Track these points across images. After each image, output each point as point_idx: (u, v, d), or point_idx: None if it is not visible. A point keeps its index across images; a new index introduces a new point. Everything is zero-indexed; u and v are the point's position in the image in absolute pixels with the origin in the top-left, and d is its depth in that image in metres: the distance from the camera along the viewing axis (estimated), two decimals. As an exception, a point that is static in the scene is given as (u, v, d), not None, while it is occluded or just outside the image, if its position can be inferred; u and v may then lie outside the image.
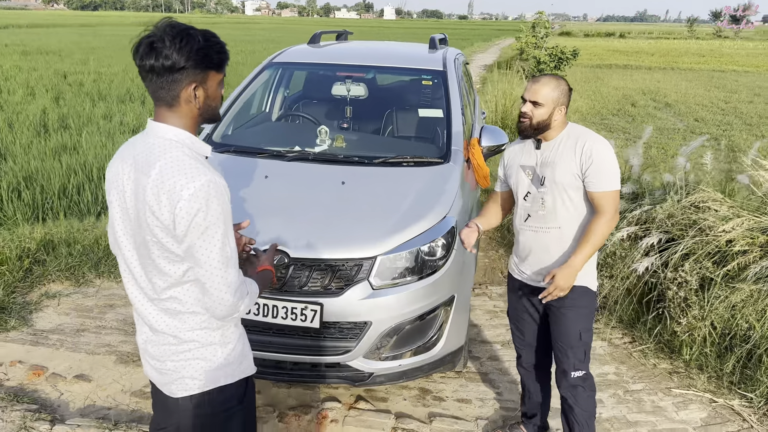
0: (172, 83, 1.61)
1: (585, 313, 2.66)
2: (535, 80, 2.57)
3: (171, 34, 1.57)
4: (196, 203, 1.56)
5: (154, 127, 1.66)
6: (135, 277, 1.75)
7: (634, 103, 16.75)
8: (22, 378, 3.45)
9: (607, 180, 2.48)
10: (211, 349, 1.77)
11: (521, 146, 2.75)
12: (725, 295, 3.67)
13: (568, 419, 2.73)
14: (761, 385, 3.39)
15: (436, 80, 4.36)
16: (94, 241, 5.11)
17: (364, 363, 3.01)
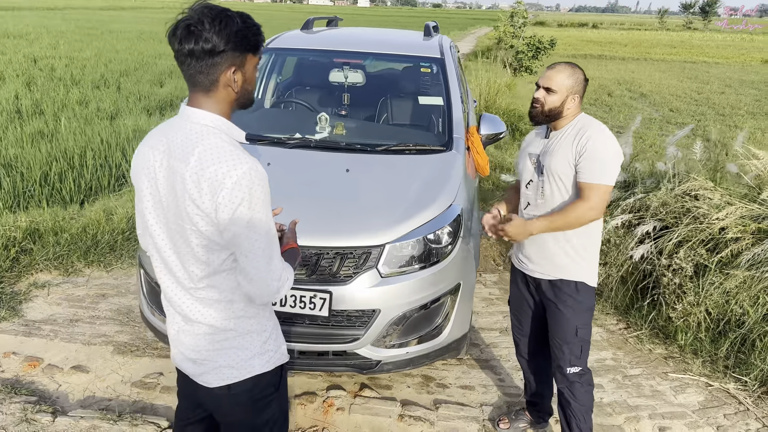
0: (211, 67, 1.56)
1: (582, 309, 2.62)
2: (551, 67, 2.55)
3: (210, 17, 1.53)
4: (239, 192, 1.53)
5: (189, 113, 1.62)
6: (169, 267, 1.71)
7: (610, 93, 16.95)
8: (17, 370, 3.37)
9: (598, 173, 2.40)
10: (248, 338, 1.74)
11: (534, 134, 2.74)
12: (719, 281, 3.75)
13: (566, 413, 2.73)
14: (755, 368, 3.47)
15: (434, 68, 4.34)
16: (82, 230, 5.00)
17: (372, 351, 3.00)
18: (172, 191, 1.60)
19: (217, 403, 1.79)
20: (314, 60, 4.75)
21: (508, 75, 15.78)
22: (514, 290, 2.92)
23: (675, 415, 3.25)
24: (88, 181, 6.46)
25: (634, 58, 28.98)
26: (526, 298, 2.83)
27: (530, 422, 3.10)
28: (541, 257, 2.63)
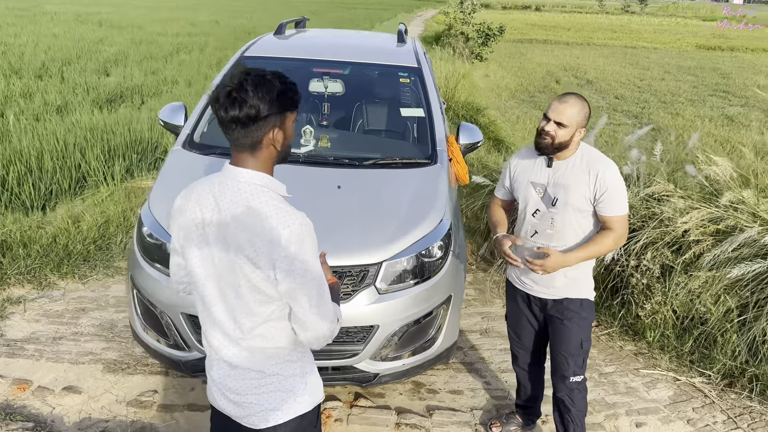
0: (255, 131, 1.64)
1: (586, 324, 2.80)
2: (561, 100, 2.58)
3: (252, 84, 1.60)
4: (294, 246, 1.61)
5: (235, 173, 1.68)
6: (216, 320, 1.77)
7: (558, 80, 17.37)
8: (6, 393, 3.32)
9: (619, 205, 2.60)
10: (292, 381, 1.83)
11: (531, 161, 2.78)
12: (684, 281, 4.01)
13: (564, 419, 2.89)
14: (718, 363, 3.76)
15: (412, 78, 4.42)
16: (52, 240, 4.89)
17: (370, 365, 3.11)
18: (225, 249, 1.67)
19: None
20: (292, 69, 4.74)
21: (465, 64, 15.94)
22: (513, 308, 3.04)
23: (649, 411, 3.50)
24: (47, 184, 6.27)
25: (577, 42, 29.65)
26: (527, 316, 2.96)
27: (520, 425, 3.28)
28: (546, 280, 2.75)
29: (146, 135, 7.74)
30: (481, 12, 21.12)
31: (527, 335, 3.02)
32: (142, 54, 16.06)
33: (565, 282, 2.74)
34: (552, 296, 2.79)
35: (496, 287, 4.87)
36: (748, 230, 3.98)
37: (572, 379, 2.81)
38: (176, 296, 3.00)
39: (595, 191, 2.59)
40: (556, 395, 2.91)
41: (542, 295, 2.82)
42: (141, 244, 3.25)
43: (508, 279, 3.03)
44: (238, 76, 1.62)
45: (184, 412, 3.28)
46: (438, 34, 23.45)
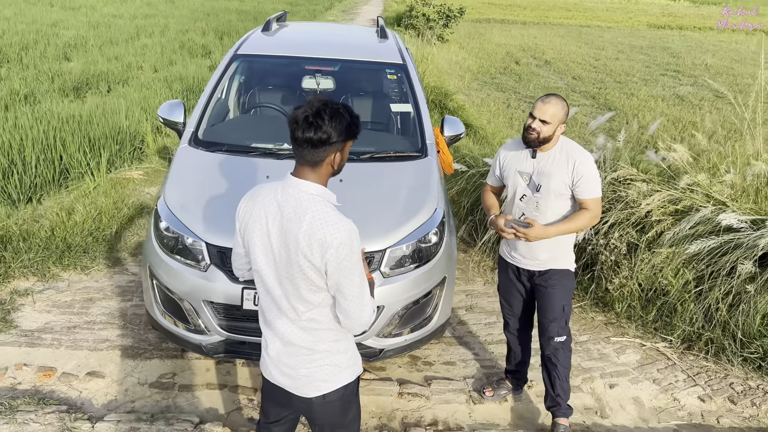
0: (322, 152, 1.96)
1: (567, 290, 3.26)
2: (544, 101, 3.00)
3: (328, 114, 1.91)
4: (343, 250, 1.93)
5: (298, 183, 1.99)
6: (276, 303, 2.09)
7: (517, 60, 17.82)
8: (33, 380, 3.54)
9: (593, 189, 3.04)
10: (338, 356, 2.15)
11: (517, 152, 3.21)
12: (648, 257, 4.46)
13: (551, 375, 3.33)
14: (678, 329, 4.23)
15: (399, 74, 4.70)
16: (50, 233, 5.04)
17: (376, 341, 3.45)
18: (284, 246, 1.97)
19: (313, 408, 2.20)
20: (284, 66, 4.96)
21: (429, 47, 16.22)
22: (504, 279, 3.48)
23: (620, 374, 3.94)
24: (32, 177, 6.35)
25: (534, 22, 30.21)
26: (517, 286, 3.40)
27: (510, 389, 3.67)
28: (534, 254, 3.21)
29: (124, 124, 7.82)
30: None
31: (517, 303, 3.45)
32: (101, 38, 15.80)
33: (548, 255, 3.19)
34: (538, 268, 3.24)
35: (477, 267, 5.25)
36: (703, 210, 4.44)
37: (557, 339, 3.26)
38: (198, 284, 3.28)
39: (573, 177, 3.02)
40: (543, 354, 3.35)
41: (529, 267, 3.26)
42: (158, 237, 3.48)
43: (500, 255, 3.48)
44: (316, 104, 1.93)
45: (203, 391, 3.57)
46: (399, 14, 23.61)
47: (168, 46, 15.03)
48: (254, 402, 3.51)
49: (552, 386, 3.34)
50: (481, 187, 5.73)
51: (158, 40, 16.04)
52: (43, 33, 15.86)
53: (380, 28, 5.35)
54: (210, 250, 3.29)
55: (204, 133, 4.13)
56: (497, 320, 4.48)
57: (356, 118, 2.02)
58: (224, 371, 3.74)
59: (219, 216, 3.38)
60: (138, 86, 10.64)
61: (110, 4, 24.95)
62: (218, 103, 4.46)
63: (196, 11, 23.57)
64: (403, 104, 4.59)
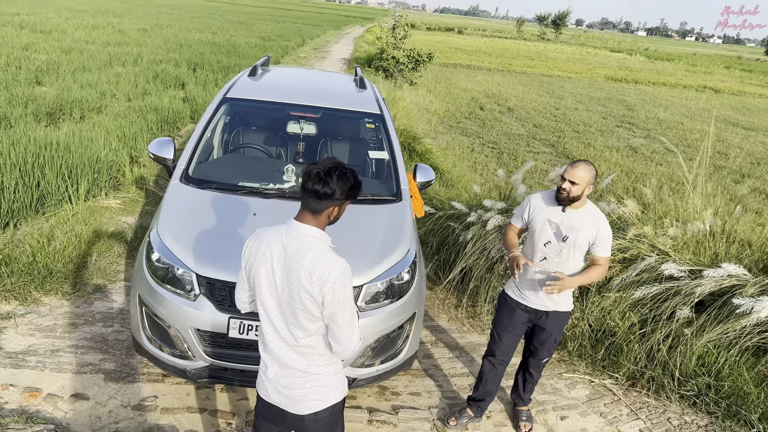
0: (324, 204, 2.30)
1: (561, 327, 3.82)
2: (573, 166, 3.42)
3: (337, 174, 2.27)
4: (338, 284, 2.25)
5: (299, 227, 2.32)
6: (277, 330, 2.39)
7: (482, 106, 18.58)
8: (20, 401, 3.69)
9: (608, 249, 3.53)
10: (329, 378, 2.46)
11: (549, 202, 3.61)
12: (598, 301, 4.88)
13: (526, 383, 4.02)
14: (623, 367, 4.62)
15: (377, 123, 5.10)
16: (32, 259, 5.19)
17: (350, 371, 3.73)
18: (287, 281, 2.28)
19: (305, 425, 2.49)
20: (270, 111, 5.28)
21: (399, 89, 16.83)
22: (506, 316, 3.81)
23: (570, 407, 4.30)
24: (10, 202, 6.46)
25: (498, 69, 31.43)
26: (519, 322, 3.78)
27: (471, 417, 3.99)
28: (544, 296, 3.62)
29: (102, 153, 7.99)
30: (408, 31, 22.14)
31: (510, 340, 3.84)
32: (74, 64, 15.91)
33: (557, 298, 3.65)
34: (546, 308, 3.68)
35: (442, 304, 5.59)
36: (648, 259, 4.90)
37: (543, 360, 3.91)
38: (186, 312, 3.53)
39: (596, 238, 3.49)
40: (527, 369, 3.98)
41: (539, 307, 3.69)
42: (150, 267, 3.73)
43: (507, 292, 3.84)
44: (329, 164, 2.29)
45: (184, 414, 3.77)
46: (370, 56, 24.30)
47: (141, 76, 15.23)
48: (232, 426, 3.73)
49: (524, 390, 4.03)
50: (447, 229, 6.15)
51: (131, 69, 16.22)
52: (14, 56, 15.88)
53: (359, 78, 5.76)
54: (200, 280, 3.55)
55: (194, 171, 4.41)
56: (460, 354, 4.81)
57: (359, 183, 2.39)
58: (204, 396, 3.95)
59: (209, 249, 3.65)
60: (113, 115, 10.80)
61: (81, 29, 25.05)
62: (207, 142, 4.76)
63: (168, 41, 23.83)
64: (380, 151, 4.97)
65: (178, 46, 22.44)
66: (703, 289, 4.61)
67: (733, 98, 28.51)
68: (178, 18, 37.59)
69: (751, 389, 4.27)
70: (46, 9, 32.86)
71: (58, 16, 29.45)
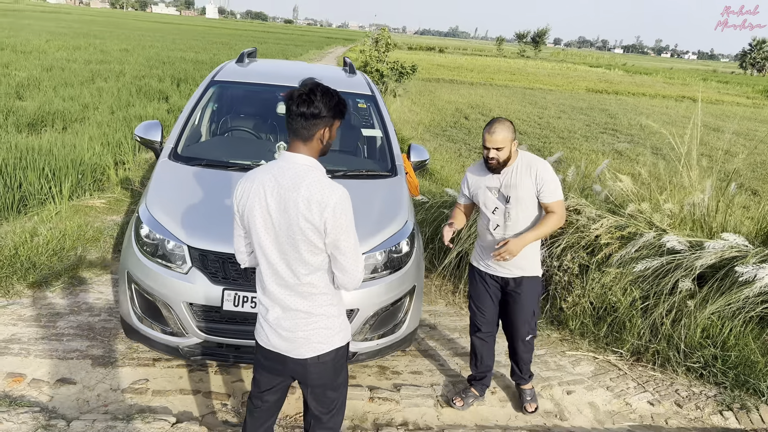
0: (313, 126, 2.19)
1: (536, 295, 3.60)
2: (490, 130, 3.28)
3: (320, 92, 2.17)
4: (339, 208, 2.17)
5: (292, 157, 2.23)
6: (276, 271, 2.26)
7: (466, 116, 18.65)
8: (2, 385, 3.51)
9: (555, 192, 3.36)
10: (332, 320, 2.35)
11: (483, 171, 3.50)
12: (599, 277, 4.79)
13: (519, 363, 3.78)
14: (627, 343, 4.52)
15: (368, 103, 5.02)
16: (14, 252, 5.01)
17: (350, 344, 3.58)
18: (284, 214, 2.18)
19: (308, 369, 2.37)
20: (258, 93, 5.20)
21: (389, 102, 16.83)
22: (477, 287, 3.69)
23: (576, 382, 4.19)
24: (-10, 202, 6.28)
25: (480, 83, 31.66)
26: (490, 294, 3.64)
27: (476, 396, 3.85)
28: (507, 263, 3.45)
29: (86, 156, 7.84)
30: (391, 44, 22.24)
31: (489, 309, 3.69)
32: (55, 80, 15.76)
33: (520, 264, 3.46)
34: (511, 275, 3.51)
35: (438, 290, 5.47)
36: (646, 235, 4.83)
37: (527, 338, 3.65)
38: (178, 286, 3.38)
39: (537, 184, 3.34)
40: (512, 349, 3.76)
41: (503, 275, 3.54)
42: (139, 242, 3.58)
43: (472, 264, 3.72)
44: (310, 85, 2.19)
45: (177, 396, 3.60)
46: (354, 70, 24.31)
47: (125, 90, 15.09)
48: (228, 407, 3.56)
49: (520, 370, 3.80)
50: (440, 216, 6.06)
51: (114, 84, 16.08)
52: (-7, 73, 15.69)
53: (349, 65, 5.70)
54: (192, 253, 3.41)
55: (183, 150, 4.29)
56: (459, 336, 4.69)
57: (343, 101, 2.28)
58: (197, 378, 3.79)
59: (200, 221, 3.52)
60: (94, 125, 10.64)
61: (62, 49, 24.91)
62: (195, 124, 4.64)
63: (151, 59, 23.76)
64: (373, 130, 4.88)
65: (161, 64, 22.37)
66: (705, 261, 4.54)
67: (711, 107, 28.90)
68: (160, 39, 37.58)
69: (758, 358, 4.19)
70: (26, 32, 32.67)
71: (38, 38, 29.26)
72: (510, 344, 3.77)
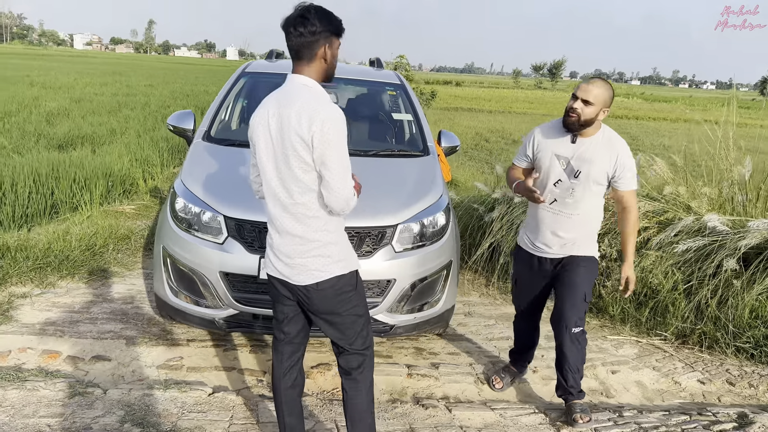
0: (313, 43, 2.22)
1: (590, 278, 3.15)
2: (590, 81, 2.91)
3: (314, 10, 2.22)
4: (328, 123, 2.15)
5: (294, 77, 2.28)
6: (273, 190, 2.30)
7: (487, 139, 18.66)
8: (38, 361, 3.47)
9: (632, 181, 3.01)
10: (329, 248, 2.33)
11: (555, 135, 3.07)
12: (638, 261, 4.66)
13: (563, 367, 3.17)
14: (671, 326, 4.37)
15: (397, 91, 5.03)
16: (48, 247, 5.03)
17: (388, 316, 3.51)
18: (280, 130, 2.21)
19: (309, 297, 2.36)
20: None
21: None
22: (523, 269, 3.39)
23: (620, 362, 4.04)
24: (24, 207, 6.35)
25: (499, 111, 31.81)
26: (538, 276, 3.30)
27: (515, 374, 3.69)
28: (559, 242, 3.14)
29: (115, 167, 7.94)
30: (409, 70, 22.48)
31: (534, 293, 3.38)
32: (84, 110, 16.12)
33: (574, 242, 3.13)
34: (560, 255, 3.18)
35: (471, 283, 5.37)
36: (685, 219, 4.71)
37: (573, 329, 3.09)
38: (215, 256, 3.34)
39: (616, 167, 2.96)
40: (558, 344, 3.18)
41: (556, 255, 3.19)
42: (175, 216, 3.57)
43: (520, 245, 3.41)
44: (304, 6, 2.23)
45: (212, 372, 3.54)
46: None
47: (150, 117, 15.38)
48: (263, 382, 3.48)
49: (564, 379, 3.19)
50: (470, 213, 5.99)
51: (140, 112, 16.41)
52: (26, 104, 16.11)
53: (376, 60, 5.73)
54: (228, 222, 3.38)
55: (216, 132, 4.31)
56: (496, 323, 4.57)
57: (338, 19, 2.29)
58: (232, 357, 3.72)
59: (235, 193, 3.50)
60: (121, 147, 10.78)
61: (90, 85, 25.57)
62: (227, 111, 4.68)
63: (175, 92, 24.28)
64: (404, 114, 4.87)
65: (184, 96, 22.83)
66: (749, 240, 4.39)
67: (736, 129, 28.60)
68: (182, 76, 38.42)
69: (811, 336, 4.01)
70: (55, 72, 33.65)
71: (67, 77, 30.12)
72: (557, 342, 3.19)
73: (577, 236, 3.13)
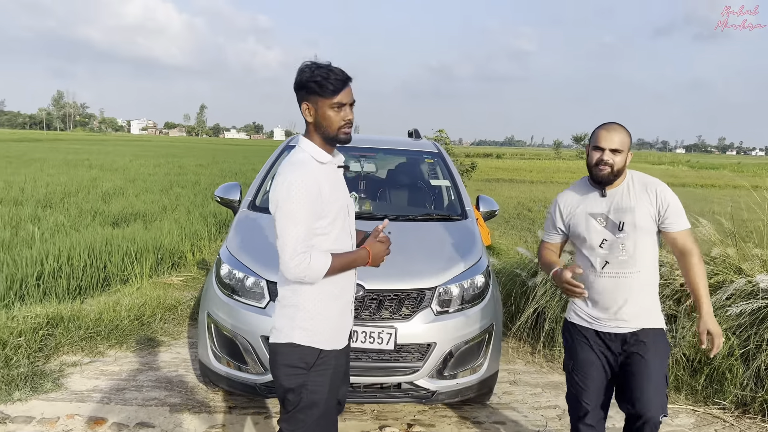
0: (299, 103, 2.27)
1: (666, 355, 2.70)
2: (609, 128, 2.64)
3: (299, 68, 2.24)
4: (278, 185, 2.18)
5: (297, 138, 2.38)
6: None
7: (529, 208, 18.58)
8: (85, 428, 3.52)
9: (684, 219, 2.66)
10: (291, 309, 2.30)
11: (582, 195, 2.81)
12: (689, 326, 4.50)
13: None
14: (729, 394, 4.15)
15: (435, 159, 5.15)
16: (98, 317, 5.18)
17: (429, 382, 3.46)
18: None
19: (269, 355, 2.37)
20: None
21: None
22: (580, 352, 2.82)
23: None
24: (78, 279, 6.60)
25: (541, 181, 31.79)
26: (600, 358, 2.76)
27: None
28: (626, 311, 2.68)
29: (165, 241, 8.22)
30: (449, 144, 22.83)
31: (597, 381, 2.78)
32: (138, 188, 16.87)
33: (638, 310, 2.68)
34: (628, 329, 2.69)
35: (515, 351, 5.25)
36: (737, 282, 4.56)
37: (662, 418, 2.62)
38: (256, 320, 3.40)
39: (659, 208, 2.65)
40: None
41: (617, 330, 2.71)
42: (219, 282, 3.67)
43: (571, 322, 2.89)
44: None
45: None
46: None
47: (200, 194, 15.95)
48: (305, 451, 3.43)
49: None
50: (512, 279, 5.93)
51: (190, 190, 17.06)
52: (84, 185, 16.95)
53: (414, 131, 5.91)
54: (270, 287, 3.45)
55: (261, 201, 4.46)
56: (543, 391, 4.43)
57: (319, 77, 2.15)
58: (273, 424, 3.70)
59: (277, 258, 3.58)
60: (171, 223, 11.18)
61: (144, 167, 26.83)
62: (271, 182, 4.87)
63: (224, 171, 25.22)
64: (442, 180, 4.96)
65: (233, 174, 23.67)
66: (806, 302, 4.21)
67: (788, 193, 27.78)
68: (232, 156, 39.99)
69: None
70: (112, 155, 35.48)
71: (123, 159, 31.72)
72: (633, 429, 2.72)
73: (647, 301, 2.73)
